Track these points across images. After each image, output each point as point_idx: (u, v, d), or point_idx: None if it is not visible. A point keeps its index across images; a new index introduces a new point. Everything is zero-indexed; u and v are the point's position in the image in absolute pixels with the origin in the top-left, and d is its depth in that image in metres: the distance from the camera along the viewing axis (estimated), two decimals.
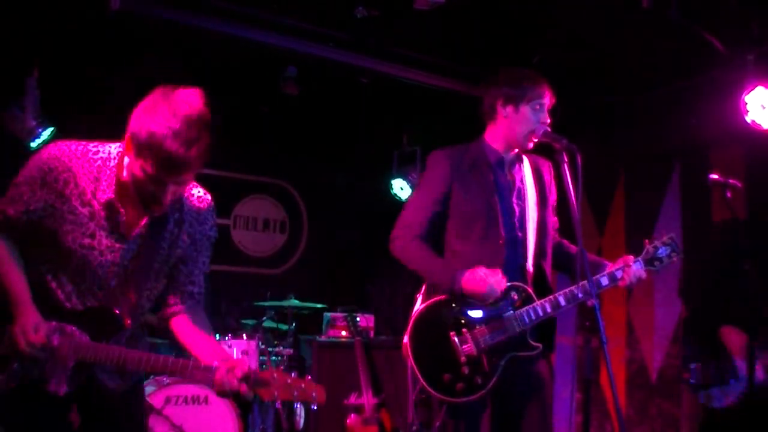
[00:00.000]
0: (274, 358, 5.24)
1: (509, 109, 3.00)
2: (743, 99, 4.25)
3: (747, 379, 3.54)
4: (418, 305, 3.03)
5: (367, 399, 5.15)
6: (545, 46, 4.85)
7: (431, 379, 2.88)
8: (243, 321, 5.70)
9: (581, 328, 3.66)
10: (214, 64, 5.33)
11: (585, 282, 2.85)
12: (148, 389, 4.49)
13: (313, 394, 2.18)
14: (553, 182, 3.18)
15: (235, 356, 4.91)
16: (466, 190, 2.99)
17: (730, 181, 3.59)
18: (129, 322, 2.29)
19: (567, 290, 2.92)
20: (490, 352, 2.87)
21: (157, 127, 2.04)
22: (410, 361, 2.92)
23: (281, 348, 5.28)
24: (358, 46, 4.86)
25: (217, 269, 6.52)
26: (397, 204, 6.72)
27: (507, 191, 3.03)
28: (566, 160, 2.82)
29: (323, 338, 5.65)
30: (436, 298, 2.96)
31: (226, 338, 4.98)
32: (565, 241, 3.26)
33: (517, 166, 3.10)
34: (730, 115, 4.37)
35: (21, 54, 4.78)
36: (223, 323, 5.63)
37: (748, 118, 4.25)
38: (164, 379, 4.60)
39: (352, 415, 5.15)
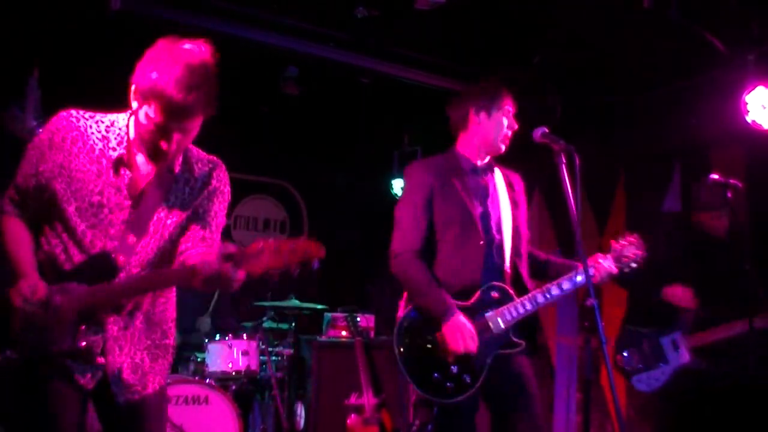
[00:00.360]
0: (274, 358, 5.24)
1: (482, 115, 3.19)
2: (744, 99, 4.25)
3: (675, 363, 3.81)
4: (403, 309, 3.12)
5: (368, 399, 5.14)
6: (545, 46, 4.85)
7: (420, 380, 2.96)
8: (243, 321, 5.70)
9: (581, 329, 3.69)
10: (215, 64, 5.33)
11: (561, 279, 3.06)
12: None
13: (309, 251, 2.09)
14: (523, 193, 3.38)
15: (235, 356, 4.92)
16: (444, 197, 3.11)
17: (731, 181, 3.59)
18: (122, 259, 2.25)
19: (544, 287, 3.07)
20: (477, 350, 2.94)
21: (158, 73, 2.10)
22: (399, 364, 2.99)
23: (281, 348, 5.28)
24: (359, 46, 4.86)
25: None
26: None
27: (482, 196, 3.18)
28: (564, 161, 2.84)
29: (323, 338, 5.65)
30: None
31: (227, 338, 4.97)
32: (535, 250, 3.40)
33: (489, 173, 3.26)
34: (730, 115, 4.36)
35: (21, 54, 4.78)
36: (223, 323, 5.62)
37: (749, 118, 4.24)
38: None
39: (353, 415, 5.15)
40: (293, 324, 5.45)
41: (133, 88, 2.18)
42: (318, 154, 7.04)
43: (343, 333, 5.69)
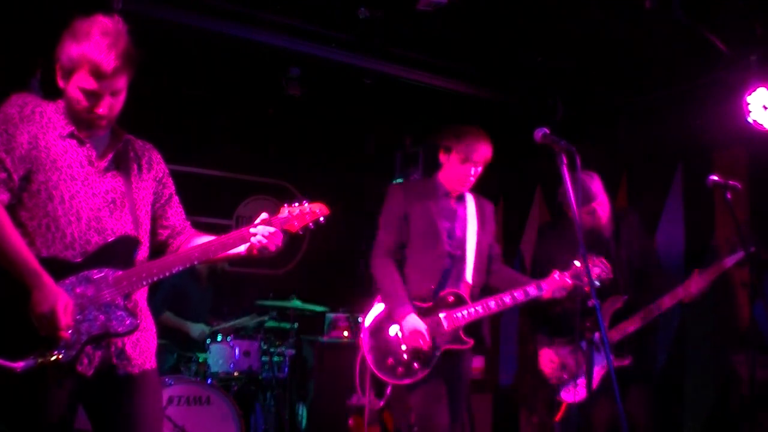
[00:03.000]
0: (276, 358, 5.25)
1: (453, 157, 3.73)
2: (745, 99, 4.24)
3: (599, 364, 3.82)
4: (377, 308, 3.69)
5: (369, 399, 5.15)
6: (548, 47, 4.85)
7: (377, 363, 3.57)
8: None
9: (583, 329, 3.68)
10: (218, 65, 5.35)
11: (515, 290, 3.55)
12: None
13: (317, 211, 2.72)
14: (493, 219, 3.92)
15: (236, 356, 4.93)
16: (418, 214, 3.67)
17: (730, 182, 3.59)
18: (143, 242, 2.44)
19: (498, 295, 3.56)
20: (428, 344, 3.47)
21: (78, 44, 2.27)
22: (364, 349, 3.61)
23: (283, 349, 5.28)
24: (362, 48, 4.86)
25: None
26: None
27: (450, 217, 3.72)
28: (565, 161, 2.84)
29: (325, 339, 5.66)
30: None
31: (228, 339, 4.98)
32: (507, 268, 3.95)
33: (462, 200, 3.79)
34: (733, 117, 4.35)
35: (24, 54, 4.79)
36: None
37: (750, 119, 4.23)
38: (166, 379, 4.62)
39: (354, 415, 5.15)
40: (295, 324, 5.46)
41: (58, 68, 2.33)
42: (320, 155, 7.05)
43: (345, 334, 5.70)
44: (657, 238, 5.28)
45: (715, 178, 3.58)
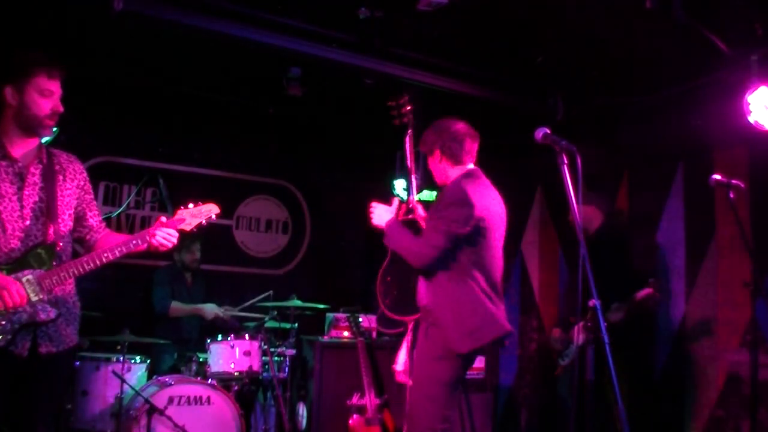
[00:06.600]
0: (276, 358, 5.24)
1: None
2: (746, 99, 4.23)
3: (576, 344, 4.66)
4: None
5: (370, 399, 5.14)
6: (548, 46, 4.85)
7: None
8: (245, 322, 5.71)
9: (583, 329, 3.69)
10: (218, 65, 5.34)
11: None
12: (151, 390, 4.50)
13: (210, 210, 3.10)
14: None
15: (237, 356, 4.93)
16: None
17: (733, 182, 3.59)
18: (61, 245, 2.91)
19: None
20: None
21: (31, 60, 2.92)
22: None
23: (284, 348, 5.28)
24: (362, 48, 4.85)
25: (219, 269, 6.53)
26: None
27: None
28: (566, 161, 2.84)
29: (326, 339, 5.65)
30: None
31: (228, 338, 4.97)
32: None
33: None
34: (734, 116, 4.35)
35: (23, 54, 4.78)
36: (225, 324, 5.63)
37: (751, 119, 4.22)
38: (167, 379, 4.61)
39: (355, 415, 5.15)
40: (295, 324, 5.45)
41: (10, 92, 2.86)
42: (320, 155, 7.05)
43: (346, 333, 5.69)
44: (657, 238, 5.29)
45: (718, 177, 3.58)
